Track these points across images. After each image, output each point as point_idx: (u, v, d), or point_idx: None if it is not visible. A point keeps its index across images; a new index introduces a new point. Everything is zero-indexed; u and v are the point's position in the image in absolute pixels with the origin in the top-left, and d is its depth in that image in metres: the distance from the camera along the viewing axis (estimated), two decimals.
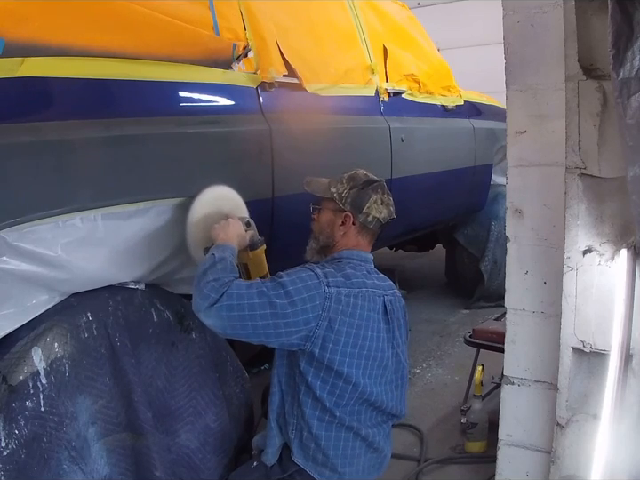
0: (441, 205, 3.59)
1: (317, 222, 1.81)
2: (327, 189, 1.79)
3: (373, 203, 1.75)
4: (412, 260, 5.26)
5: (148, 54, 1.73)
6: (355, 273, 1.67)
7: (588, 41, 1.44)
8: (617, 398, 1.49)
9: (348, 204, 1.74)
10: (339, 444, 1.64)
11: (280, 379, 1.70)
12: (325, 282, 1.59)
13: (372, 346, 1.65)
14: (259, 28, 2.17)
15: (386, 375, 1.72)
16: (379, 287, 1.73)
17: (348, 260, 1.73)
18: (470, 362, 2.75)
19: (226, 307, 1.48)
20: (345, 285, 1.62)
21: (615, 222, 1.52)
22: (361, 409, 1.67)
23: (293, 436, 1.65)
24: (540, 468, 1.81)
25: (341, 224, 1.75)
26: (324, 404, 1.61)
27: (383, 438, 1.75)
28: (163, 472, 1.64)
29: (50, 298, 1.54)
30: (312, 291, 1.56)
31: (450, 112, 3.56)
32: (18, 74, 1.38)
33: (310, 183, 1.86)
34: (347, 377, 1.61)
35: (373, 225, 1.76)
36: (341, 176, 1.80)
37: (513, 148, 1.77)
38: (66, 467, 1.48)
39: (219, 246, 1.63)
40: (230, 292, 1.49)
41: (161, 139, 1.75)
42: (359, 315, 1.62)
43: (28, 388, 1.43)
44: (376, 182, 1.79)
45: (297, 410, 1.65)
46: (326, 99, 2.50)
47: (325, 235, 1.78)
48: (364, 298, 1.65)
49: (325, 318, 1.56)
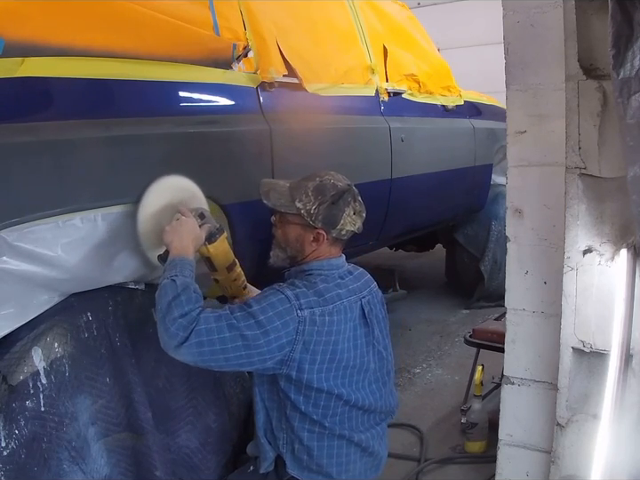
0: (441, 205, 3.59)
1: (282, 233, 1.68)
2: (291, 203, 1.62)
3: (347, 217, 1.63)
4: (412, 259, 5.26)
5: (148, 54, 1.73)
6: (327, 287, 1.59)
7: (588, 41, 1.44)
8: (617, 398, 1.49)
9: (320, 221, 1.61)
10: (332, 453, 1.60)
11: (262, 396, 1.65)
12: (297, 305, 1.51)
13: (349, 356, 1.60)
14: (259, 27, 2.17)
15: (369, 377, 1.67)
16: (354, 292, 1.65)
17: (319, 272, 1.63)
18: (470, 362, 2.75)
19: (196, 344, 1.43)
20: (318, 304, 1.54)
21: (615, 222, 1.52)
22: (351, 415, 1.63)
23: (285, 449, 1.62)
24: (540, 468, 1.81)
25: (313, 240, 1.63)
26: (311, 417, 1.58)
27: (378, 441, 1.71)
28: (163, 472, 1.64)
29: (50, 298, 1.54)
30: (284, 317, 1.49)
31: (450, 112, 3.56)
32: (18, 74, 1.38)
33: (268, 194, 1.67)
34: (328, 391, 1.57)
35: (347, 236, 1.67)
36: (305, 185, 1.64)
37: (513, 148, 1.77)
38: (66, 467, 1.48)
39: (176, 264, 1.52)
40: (199, 329, 1.43)
41: (161, 139, 1.75)
42: (335, 331, 1.56)
43: (27, 388, 1.43)
44: (346, 192, 1.64)
45: (285, 424, 1.61)
46: (326, 99, 2.50)
47: (294, 249, 1.67)
48: (340, 311, 1.58)
49: (300, 342, 1.50)
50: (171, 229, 1.58)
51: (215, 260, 1.69)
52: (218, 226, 1.68)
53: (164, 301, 1.46)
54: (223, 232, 1.69)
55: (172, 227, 1.58)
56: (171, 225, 1.59)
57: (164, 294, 1.47)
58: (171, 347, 1.45)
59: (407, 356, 3.45)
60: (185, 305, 1.45)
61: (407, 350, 3.54)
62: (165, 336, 1.45)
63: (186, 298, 1.46)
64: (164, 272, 1.53)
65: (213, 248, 1.66)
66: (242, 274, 1.79)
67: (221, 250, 1.69)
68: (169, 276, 1.50)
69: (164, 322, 1.45)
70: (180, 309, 1.44)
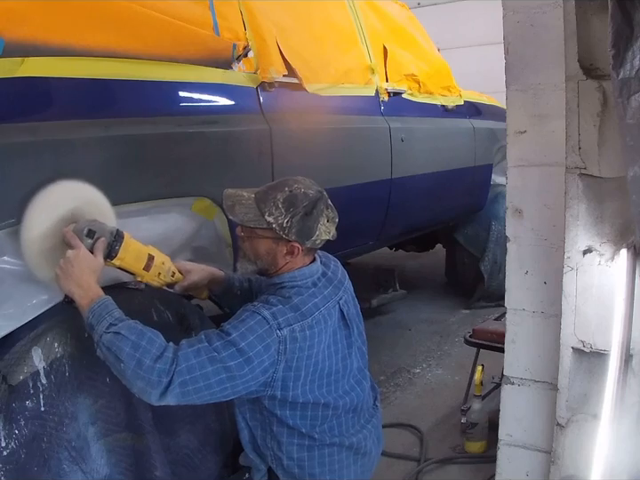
0: (441, 205, 3.59)
1: (251, 247, 1.55)
2: (260, 217, 1.50)
3: (322, 226, 1.53)
4: (412, 259, 5.26)
5: (148, 54, 1.73)
6: (302, 299, 1.50)
7: (588, 41, 1.44)
8: (617, 398, 1.49)
9: (293, 234, 1.49)
10: (324, 461, 1.57)
11: (244, 415, 1.60)
12: (276, 325, 1.43)
13: (331, 363, 1.56)
14: (259, 28, 2.17)
15: (352, 378, 1.64)
16: (331, 296, 1.58)
17: (292, 284, 1.54)
18: (470, 362, 2.75)
19: (179, 384, 1.35)
20: (297, 320, 1.47)
21: (615, 222, 1.52)
22: (340, 422, 1.59)
23: (275, 465, 1.59)
24: (540, 468, 1.81)
25: (287, 253, 1.53)
26: (300, 430, 1.54)
27: (371, 440, 1.67)
28: (163, 472, 1.64)
29: (50, 298, 1.54)
30: (265, 340, 1.41)
31: (450, 112, 3.56)
32: (18, 74, 1.39)
33: (234, 209, 1.53)
34: (314, 402, 1.53)
35: (321, 244, 1.57)
36: (273, 197, 1.50)
37: (513, 148, 1.77)
38: (66, 467, 1.48)
39: (96, 312, 1.38)
40: (180, 369, 1.34)
41: (161, 139, 1.75)
42: (317, 342, 1.50)
43: (27, 388, 1.43)
44: (318, 200, 1.52)
45: (271, 442, 1.57)
46: (326, 99, 2.50)
47: (266, 262, 1.55)
48: (319, 322, 1.51)
49: (282, 361, 1.45)
50: (63, 275, 1.40)
51: (126, 267, 1.53)
52: (114, 232, 1.47)
53: (126, 355, 1.34)
54: (123, 237, 1.48)
55: (63, 271, 1.40)
56: (60, 268, 1.40)
57: (119, 349, 1.34)
58: (155, 396, 1.35)
59: (407, 356, 3.45)
60: (152, 348, 1.36)
61: (407, 350, 3.54)
62: (148, 387, 1.35)
63: (146, 341, 1.36)
64: (91, 328, 1.38)
65: (119, 260, 1.49)
66: (164, 263, 1.60)
67: (129, 257, 1.51)
68: (104, 330, 1.36)
69: (137, 375, 1.34)
70: (150, 355, 1.35)
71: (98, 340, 1.37)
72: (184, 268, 1.68)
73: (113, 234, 1.46)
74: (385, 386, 3.07)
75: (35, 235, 1.41)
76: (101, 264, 1.44)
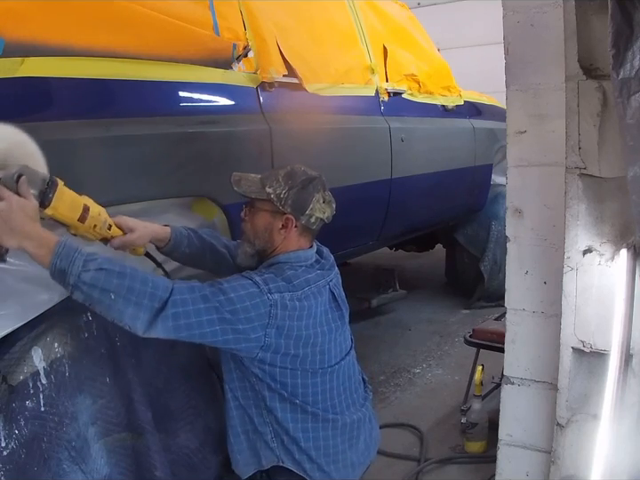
0: (441, 205, 3.59)
1: (251, 225, 1.63)
2: (261, 189, 1.59)
3: (316, 202, 1.60)
4: (412, 259, 5.26)
5: (148, 54, 1.73)
6: (295, 273, 1.56)
7: (588, 41, 1.44)
8: (617, 398, 1.49)
9: (289, 205, 1.57)
10: (319, 444, 1.59)
11: (235, 394, 1.61)
12: (267, 289, 1.47)
13: (324, 340, 1.59)
14: (259, 28, 2.17)
15: (345, 360, 1.67)
16: (322, 276, 1.63)
17: (287, 263, 1.59)
18: (470, 362, 2.75)
19: (172, 315, 1.36)
20: (288, 290, 1.51)
21: (615, 222, 1.52)
22: (332, 395, 1.62)
23: (275, 443, 1.60)
24: (540, 468, 1.81)
25: (282, 227, 1.59)
26: (293, 402, 1.57)
27: (365, 425, 1.70)
28: (163, 472, 1.64)
29: (50, 298, 1.53)
30: (254, 299, 1.45)
31: (450, 112, 3.56)
32: (18, 74, 1.39)
33: (239, 182, 1.63)
34: (302, 374, 1.56)
35: (316, 225, 1.63)
36: (275, 172, 1.63)
37: (513, 148, 1.77)
38: (66, 467, 1.48)
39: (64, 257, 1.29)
40: (174, 299, 1.36)
41: (160, 139, 1.75)
42: (306, 315, 1.54)
43: (28, 388, 1.43)
44: (316, 179, 1.63)
45: (268, 417, 1.59)
46: (326, 99, 2.50)
47: (263, 239, 1.61)
48: (309, 297, 1.55)
49: (273, 326, 1.48)
50: (1, 231, 1.25)
51: (60, 218, 1.38)
52: (47, 179, 1.32)
53: (115, 286, 1.31)
54: (57, 184, 1.33)
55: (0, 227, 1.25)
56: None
57: (106, 282, 1.31)
58: (143, 322, 1.34)
59: (407, 356, 3.45)
60: (138, 275, 1.35)
61: (407, 350, 3.54)
62: (139, 312, 1.33)
63: (131, 270, 1.35)
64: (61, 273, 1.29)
65: (52, 210, 1.34)
66: (100, 214, 1.46)
67: (63, 207, 1.36)
68: (81, 269, 1.29)
69: (129, 301, 1.32)
70: (139, 280, 1.34)
71: (75, 282, 1.30)
72: (126, 224, 1.56)
73: (45, 181, 1.31)
74: (385, 386, 3.07)
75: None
76: (37, 208, 1.29)
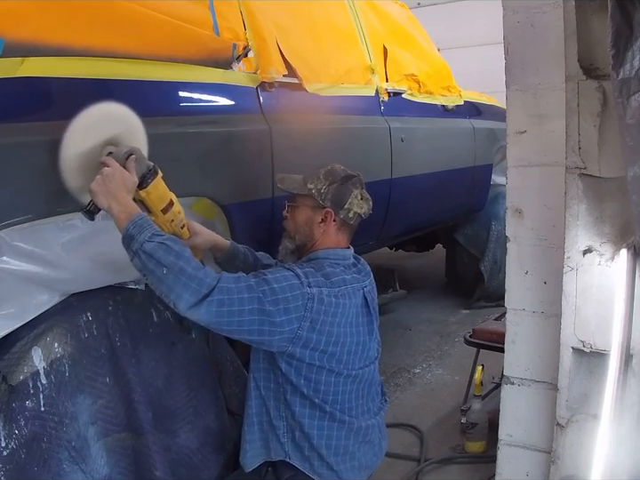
0: (441, 205, 3.59)
1: (292, 221, 1.73)
2: (303, 186, 1.70)
3: (354, 198, 1.70)
4: (412, 259, 5.26)
5: (148, 54, 1.73)
6: (334, 271, 1.62)
7: (588, 41, 1.44)
8: (617, 398, 1.49)
9: (329, 199, 1.67)
10: (331, 443, 1.62)
11: (258, 383, 1.65)
12: (307, 282, 1.53)
13: (352, 341, 1.63)
14: (259, 27, 2.17)
15: (369, 366, 1.71)
16: (358, 280, 1.69)
17: (326, 259, 1.67)
18: (470, 362, 2.75)
19: (217, 302, 1.41)
20: (326, 285, 1.57)
21: (615, 222, 1.52)
22: (350, 397, 1.65)
23: (286, 438, 1.62)
24: (540, 467, 1.81)
25: (321, 221, 1.68)
26: (312, 400, 1.60)
27: (377, 432, 1.73)
28: (163, 472, 1.64)
29: (50, 298, 1.54)
30: (295, 290, 1.51)
31: (450, 112, 3.56)
32: (18, 74, 1.39)
33: (284, 180, 1.77)
34: (328, 373, 1.59)
35: (354, 221, 1.72)
36: (317, 172, 1.72)
37: (513, 148, 1.77)
38: (66, 467, 1.48)
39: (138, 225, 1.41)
40: (221, 287, 1.42)
41: (160, 139, 1.74)
42: (340, 313, 1.59)
43: (28, 388, 1.43)
44: (355, 177, 1.73)
45: (285, 412, 1.62)
46: (326, 99, 2.50)
47: (303, 234, 1.70)
48: (344, 296, 1.61)
49: (308, 319, 1.52)
50: (100, 190, 1.40)
51: (148, 203, 1.54)
52: (151, 166, 1.52)
53: (170, 262, 1.39)
54: (157, 173, 1.53)
55: (99, 185, 1.40)
56: (97, 184, 1.41)
57: (163, 256, 1.39)
58: (188, 303, 1.40)
59: (407, 356, 3.45)
60: (193, 261, 1.43)
61: (407, 350, 3.54)
62: (185, 293, 1.39)
63: (189, 254, 1.43)
64: (130, 238, 1.40)
65: (145, 193, 1.51)
66: (180, 212, 1.62)
67: (155, 194, 1.53)
68: (147, 239, 1.40)
69: (178, 280, 1.39)
70: (192, 266, 1.41)
71: (138, 249, 1.40)
72: (192, 228, 1.69)
73: (149, 167, 1.51)
74: (385, 386, 3.06)
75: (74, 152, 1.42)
76: (136, 184, 1.47)
